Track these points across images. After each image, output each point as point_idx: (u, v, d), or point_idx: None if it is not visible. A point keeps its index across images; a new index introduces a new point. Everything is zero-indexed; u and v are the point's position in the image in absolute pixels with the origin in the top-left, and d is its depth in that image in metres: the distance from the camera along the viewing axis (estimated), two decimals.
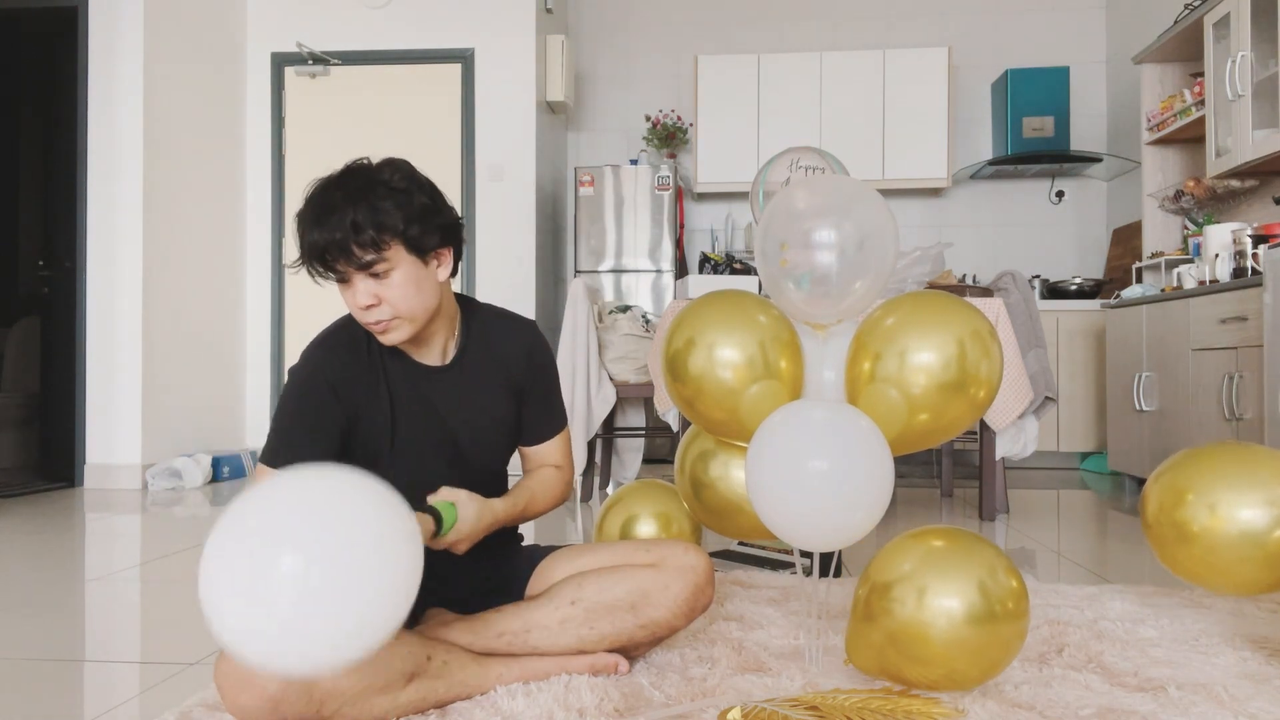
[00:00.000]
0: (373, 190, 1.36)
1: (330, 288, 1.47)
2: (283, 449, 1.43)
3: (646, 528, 1.97)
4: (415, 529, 1.14)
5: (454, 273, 1.51)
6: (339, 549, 1.09)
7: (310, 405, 1.44)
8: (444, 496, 1.42)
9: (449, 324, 1.55)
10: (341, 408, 1.45)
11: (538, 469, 1.67)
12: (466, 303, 1.61)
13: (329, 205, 1.34)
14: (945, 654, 1.40)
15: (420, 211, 1.39)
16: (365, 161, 1.42)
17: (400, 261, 1.38)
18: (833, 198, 1.65)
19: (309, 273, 1.40)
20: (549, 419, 1.67)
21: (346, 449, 1.47)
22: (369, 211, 1.34)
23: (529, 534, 2.74)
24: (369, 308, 1.39)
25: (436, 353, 1.54)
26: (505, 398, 1.60)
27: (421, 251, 1.41)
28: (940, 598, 1.40)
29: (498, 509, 1.50)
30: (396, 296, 1.39)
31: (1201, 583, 1.63)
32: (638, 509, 1.99)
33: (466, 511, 1.42)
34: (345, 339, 1.50)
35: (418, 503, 1.36)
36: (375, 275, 1.37)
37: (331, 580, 1.07)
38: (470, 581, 1.60)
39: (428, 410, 1.52)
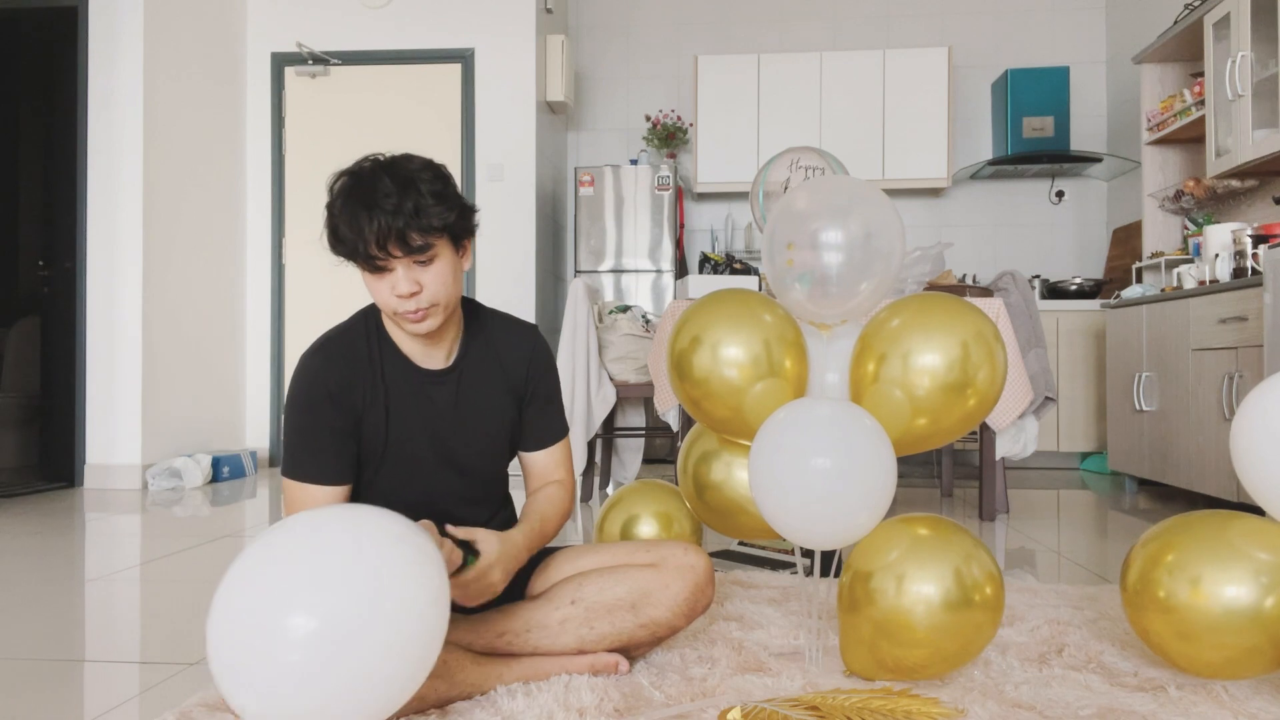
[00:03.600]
0: (419, 180, 1.40)
1: (331, 286, 1.47)
2: (304, 458, 1.44)
3: (647, 528, 1.97)
4: (444, 584, 1.11)
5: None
6: (358, 610, 1.02)
7: (317, 414, 1.44)
8: (462, 535, 1.41)
9: (457, 324, 1.56)
10: (344, 413, 1.46)
11: (541, 489, 1.65)
12: (470, 306, 1.62)
13: (383, 192, 1.37)
14: (929, 636, 1.43)
15: (459, 203, 1.45)
16: (384, 156, 1.44)
17: (443, 250, 1.43)
18: (840, 198, 1.65)
19: (352, 258, 1.41)
20: (549, 425, 1.65)
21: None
22: (423, 200, 1.38)
23: None
24: (411, 295, 1.40)
25: (441, 355, 1.54)
26: (505, 403, 1.59)
27: (458, 241, 1.47)
28: (918, 585, 1.43)
29: (518, 539, 1.48)
30: (436, 284, 1.42)
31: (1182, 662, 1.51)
32: (638, 509, 1.99)
33: (488, 548, 1.41)
34: (341, 346, 1.49)
35: (414, 512, 1.35)
36: (421, 263, 1.40)
37: (349, 644, 1.01)
38: None
39: (426, 414, 1.52)
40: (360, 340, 1.51)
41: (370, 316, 1.54)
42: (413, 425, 1.51)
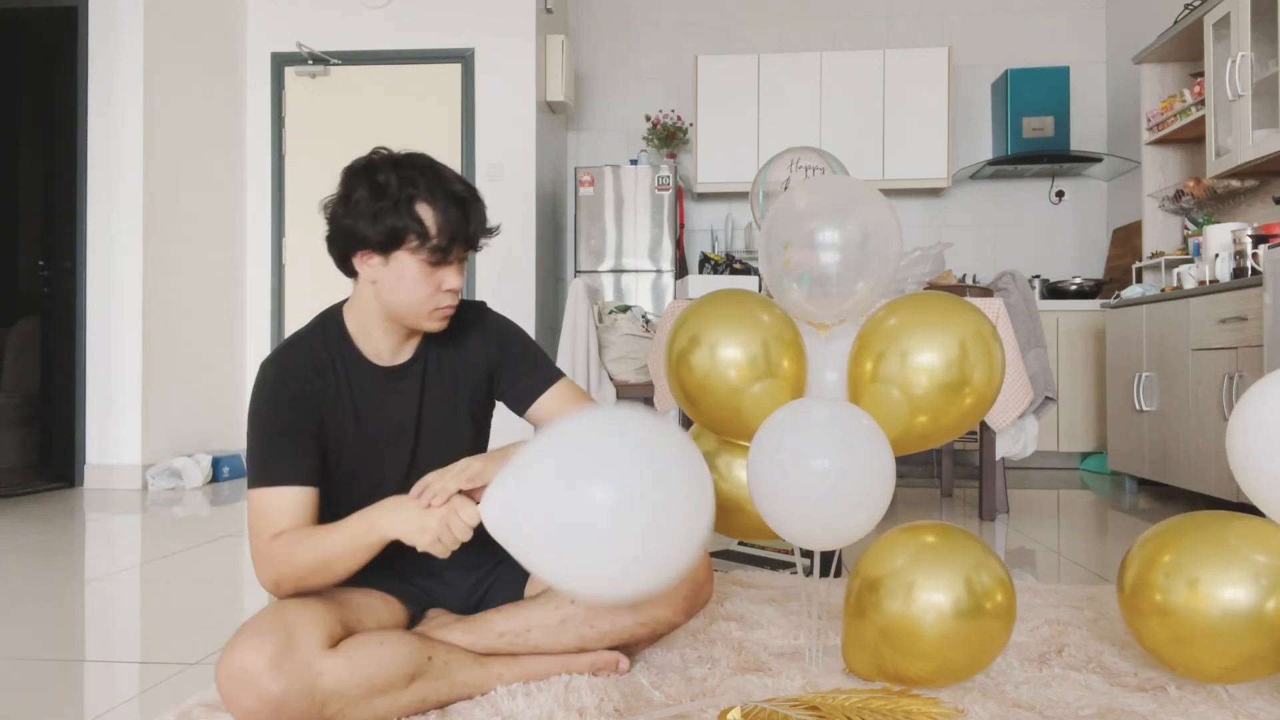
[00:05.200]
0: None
1: (330, 287, 1.46)
2: (271, 463, 1.39)
3: None
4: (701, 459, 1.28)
5: None
6: (651, 479, 1.21)
7: (281, 419, 1.41)
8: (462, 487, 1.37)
9: None
10: (308, 415, 1.43)
11: None
12: None
13: (470, 193, 1.45)
14: (937, 647, 1.41)
15: None
16: (395, 152, 1.47)
17: None
18: (836, 198, 1.65)
19: (444, 245, 1.41)
20: (534, 372, 1.60)
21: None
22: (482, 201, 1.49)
23: None
24: (457, 290, 1.47)
25: (410, 349, 1.53)
26: (474, 384, 1.58)
27: None
28: (928, 593, 1.42)
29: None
30: (461, 282, 1.50)
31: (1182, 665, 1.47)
32: None
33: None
34: (299, 354, 1.47)
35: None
36: (464, 260, 1.48)
37: (646, 508, 1.19)
38: (469, 579, 1.60)
39: (393, 410, 1.51)
40: (319, 345, 1.49)
41: (329, 322, 1.52)
42: (381, 425, 1.50)
